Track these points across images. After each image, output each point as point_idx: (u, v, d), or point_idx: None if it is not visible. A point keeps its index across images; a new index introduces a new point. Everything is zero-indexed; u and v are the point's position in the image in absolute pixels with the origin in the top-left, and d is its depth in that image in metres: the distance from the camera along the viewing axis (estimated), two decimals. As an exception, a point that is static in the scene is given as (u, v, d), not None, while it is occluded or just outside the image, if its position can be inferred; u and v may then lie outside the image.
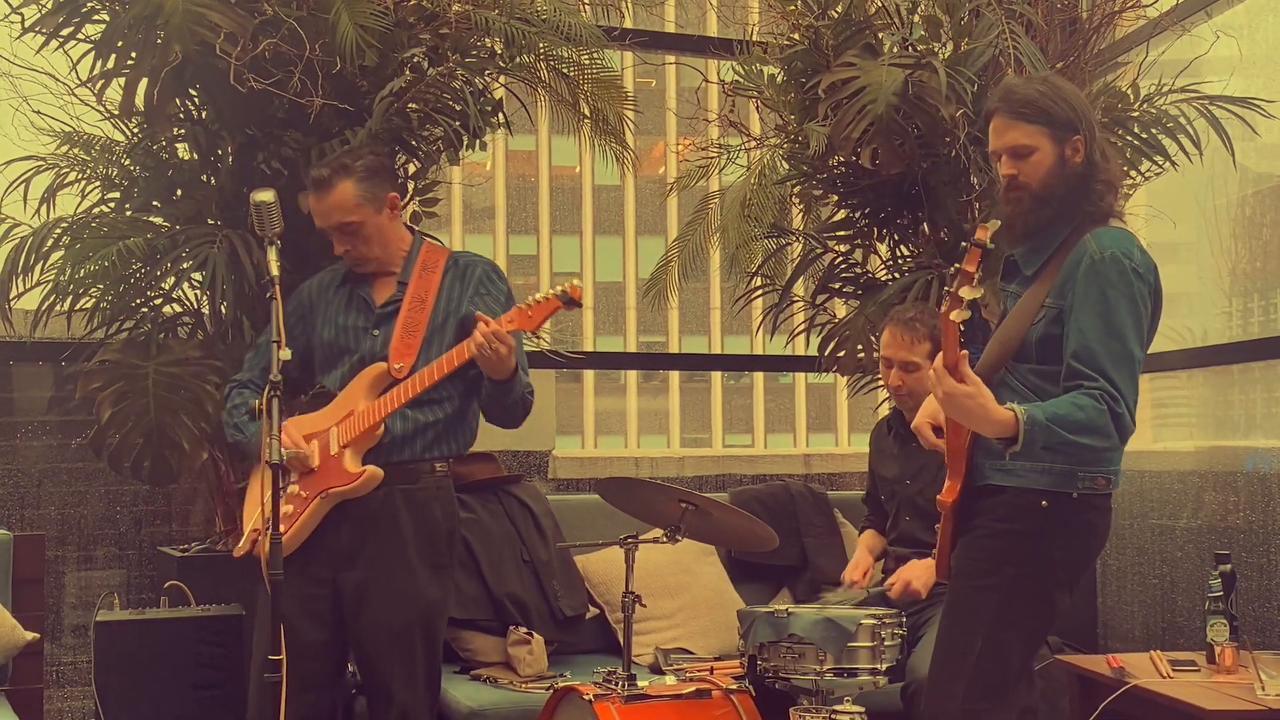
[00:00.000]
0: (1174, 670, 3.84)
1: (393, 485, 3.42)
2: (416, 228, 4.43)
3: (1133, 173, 4.70)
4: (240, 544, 3.49)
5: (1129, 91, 4.61)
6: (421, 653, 3.49)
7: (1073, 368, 2.87)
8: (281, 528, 3.35)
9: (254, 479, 3.58)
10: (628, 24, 5.25)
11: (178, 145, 4.38)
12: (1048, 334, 2.94)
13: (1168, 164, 4.60)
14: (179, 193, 4.33)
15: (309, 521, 3.41)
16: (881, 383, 5.04)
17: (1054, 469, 2.94)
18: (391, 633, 3.43)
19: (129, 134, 4.41)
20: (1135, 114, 4.57)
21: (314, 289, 3.67)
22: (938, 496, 3.08)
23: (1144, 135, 4.55)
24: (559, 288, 3.34)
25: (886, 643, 3.59)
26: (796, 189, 5.13)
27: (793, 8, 4.66)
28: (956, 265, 2.87)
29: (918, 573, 3.99)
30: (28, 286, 4.29)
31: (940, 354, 2.86)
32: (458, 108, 4.20)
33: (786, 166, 5.10)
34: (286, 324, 3.57)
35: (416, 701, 3.48)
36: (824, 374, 5.14)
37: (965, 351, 2.84)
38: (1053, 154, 2.99)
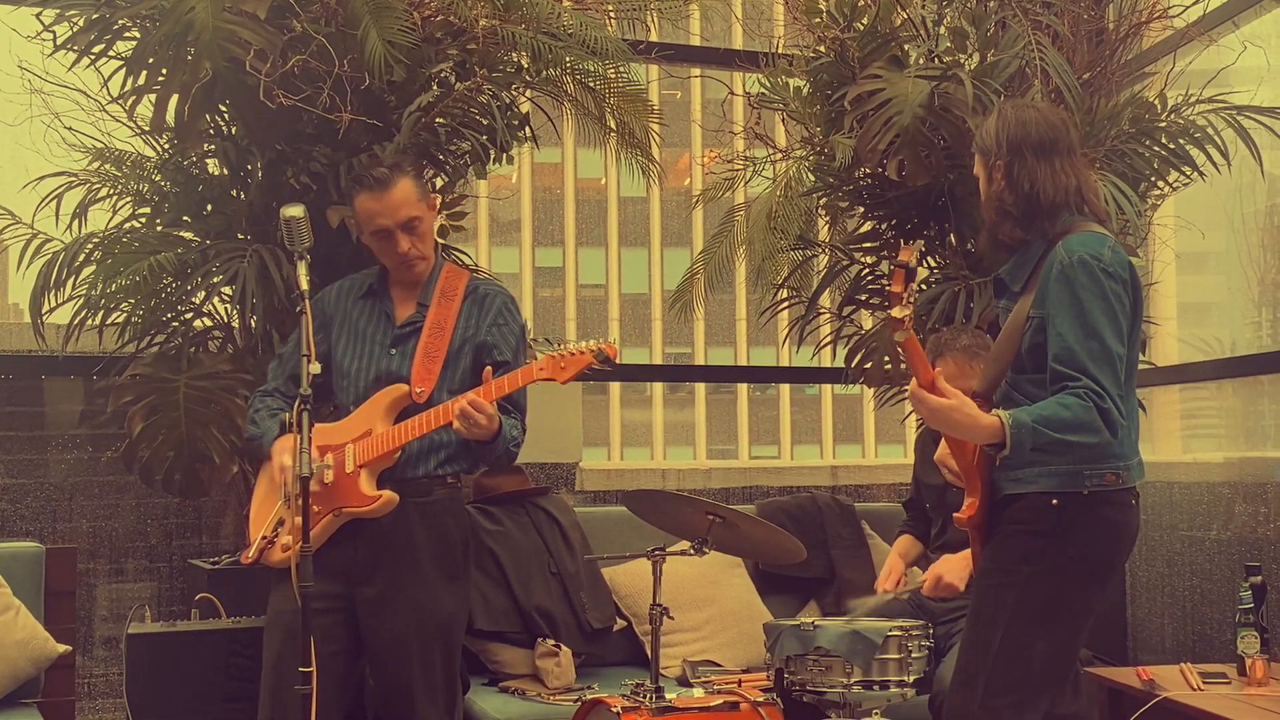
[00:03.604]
0: (1204, 683, 3.82)
1: (406, 500, 3.42)
2: (443, 241, 4.49)
3: (1161, 183, 4.69)
4: (249, 551, 3.47)
5: (1156, 102, 4.60)
6: (441, 665, 3.49)
7: (1055, 370, 2.94)
8: (287, 539, 3.37)
9: (261, 486, 3.57)
10: (653, 37, 5.26)
11: (208, 161, 4.41)
12: (1035, 343, 3.02)
13: (1195, 174, 4.58)
14: (209, 208, 4.36)
15: (319, 536, 3.39)
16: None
17: (1060, 471, 2.99)
18: (412, 645, 3.43)
19: (160, 150, 4.45)
20: (1163, 124, 4.55)
21: (333, 296, 3.67)
22: (955, 515, 3.12)
23: (1171, 146, 4.53)
24: (596, 345, 3.32)
25: (914, 654, 3.60)
26: (822, 201, 5.13)
27: (818, 20, 4.66)
28: (887, 288, 2.93)
29: (951, 566, 3.96)
30: (60, 302, 4.32)
31: (914, 377, 2.92)
32: (485, 122, 4.22)
33: (812, 178, 5.10)
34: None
35: (437, 713, 3.48)
36: (851, 385, 5.13)
37: (939, 369, 2.93)
38: (984, 180, 3.18)
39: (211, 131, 4.32)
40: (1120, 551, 3.10)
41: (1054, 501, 2.98)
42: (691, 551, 3.74)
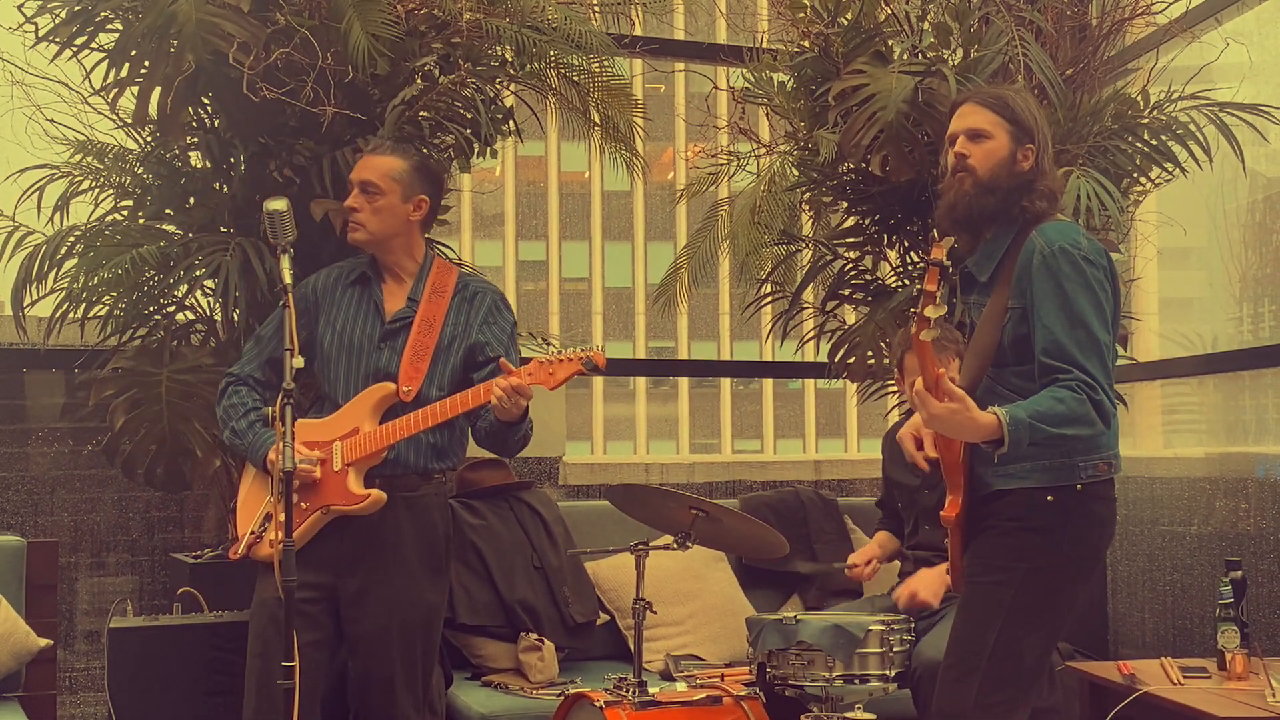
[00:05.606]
0: (1185, 677, 3.83)
1: (394, 495, 3.44)
2: (426, 235, 4.48)
3: (1143, 179, 4.70)
4: (238, 547, 3.50)
5: (1139, 98, 4.61)
6: (421, 656, 3.51)
7: (1045, 364, 2.93)
8: (277, 535, 3.38)
9: (246, 481, 3.58)
10: (638, 31, 5.26)
11: (190, 154, 4.40)
12: (1017, 335, 3.01)
13: (1178, 170, 4.60)
14: (192, 201, 4.35)
15: (307, 532, 3.42)
16: (892, 389, 5.06)
17: (1053, 465, 2.98)
18: (394, 637, 3.45)
19: (142, 142, 4.43)
20: (1145, 120, 4.56)
21: (320, 285, 3.66)
22: (941, 513, 3.09)
23: (1154, 142, 4.54)
24: (585, 353, 3.33)
25: (895, 648, 3.61)
26: (806, 196, 5.14)
27: (802, 15, 4.67)
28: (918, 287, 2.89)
29: (926, 582, 3.99)
30: (41, 294, 4.31)
31: (920, 377, 2.89)
32: (469, 115, 4.21)
33: (796, 173, 5.11)
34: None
35: (416, 704, 3.50)
36: (834, 380, 5.14)
37: (942, 370, 2.89)
38: (1007, 148, 3.09)
39: (194, 124, 4.31)
40: (1106, 543, 3.11)
41: (1049, 498, 2.97)
42: (674, 546, 3.74)
